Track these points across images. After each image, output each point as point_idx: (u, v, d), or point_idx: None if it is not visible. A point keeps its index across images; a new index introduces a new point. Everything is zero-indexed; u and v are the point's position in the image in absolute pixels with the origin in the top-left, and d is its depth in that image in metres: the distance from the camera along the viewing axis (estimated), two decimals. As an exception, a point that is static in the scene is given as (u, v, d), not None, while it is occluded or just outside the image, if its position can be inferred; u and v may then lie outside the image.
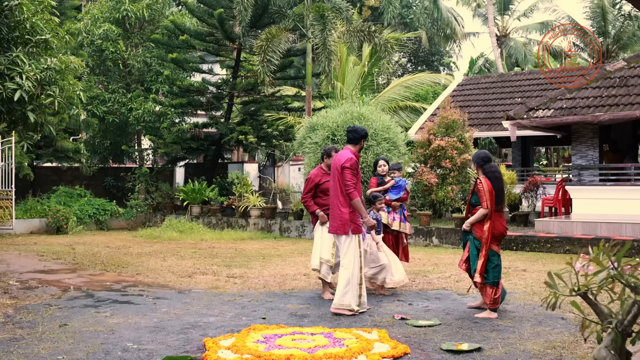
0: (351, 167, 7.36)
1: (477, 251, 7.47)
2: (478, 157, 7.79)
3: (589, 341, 5.48)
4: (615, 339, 3.39)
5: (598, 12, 34.32)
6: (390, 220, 9.23)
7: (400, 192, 9.31)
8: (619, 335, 3.38)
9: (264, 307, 7.80)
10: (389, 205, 9.20)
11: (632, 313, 3.39)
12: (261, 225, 18.42)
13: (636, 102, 14.48)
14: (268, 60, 18.49)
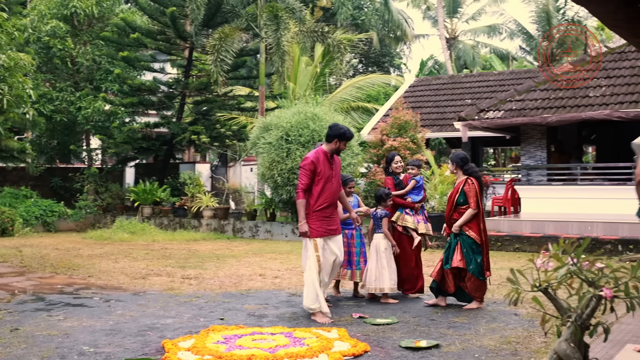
0: (304, 167, 7.12)
1: (472, 251, 7.60)
2: (458, 158, 7.86)
3: (547, 335, 5.60)
4: (575, 332, 3.47)
5: (543, 16, 35.11)
6: (415, 223, 8.55)
7: (421, 192, 8.69)
8: (577, 329, 3.47)
9: (222, 308, 7.74)
10: (413, 208, 8.57)
11: (590, 307, 3.48)
12: (214, 225, 18.29)
13: (582, 105, 14.86)
14: (221, 60, 18.38)
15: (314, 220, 7.12)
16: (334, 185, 7.23)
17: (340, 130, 7.22)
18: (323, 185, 7.12)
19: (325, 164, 7.16)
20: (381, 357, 5.56)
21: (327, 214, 7.17)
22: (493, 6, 39.66)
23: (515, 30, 38.15)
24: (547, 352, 5.61)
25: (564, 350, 3.45)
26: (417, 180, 8.58)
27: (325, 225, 7.14)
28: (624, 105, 14.26)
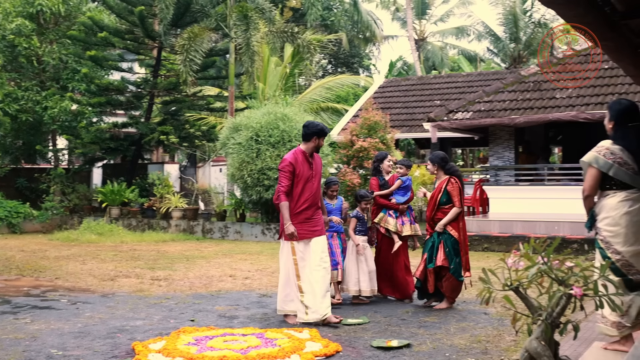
0: (282, 169, 6.96)
1: (454, 250, 7.64)
2: (439, 158, 7.87)
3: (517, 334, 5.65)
4: (545, 330, 3.52)
5: (510, 18, 35.48)
6: (400, 225, 8.25)
7: (408, 193, 8.35)
8: (548, 327, 3.51)
9: (192, 309, 7.70)
10: (397, 209, 8.30)
11: (561, 305, 3.53)
12: (183, 226, 18.17)
13: (549, 106, 15.07)
14: (190, 60, 18.29)
15: (295, 223, 6.90)
16: (314, 186, 7.03)
17: (318, 127, 7.07)
18: (303, 186, 6.95)
19: (305, 164, 6.98)
20: (353, 357, 5.58)
21: (308, 215, 6.96)
22: (461, 8, 40.04)
23: (483, 32, 38.52)
24: (516, 350, 5.68)
25: (534, 348, 3.49)
26: (403, 181, 8.31)
27: (307, 227, 6.94)
28: (589, 106, 14.48)
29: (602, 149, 5.08)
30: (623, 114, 5.17)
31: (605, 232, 4.98)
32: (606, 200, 5.04)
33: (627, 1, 4.38)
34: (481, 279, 3.81)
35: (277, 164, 15.91)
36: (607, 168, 4.99)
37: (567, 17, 4.17)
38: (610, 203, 5.00)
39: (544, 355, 3.45)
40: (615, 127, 5.17)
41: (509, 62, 36.49)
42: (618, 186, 5.02)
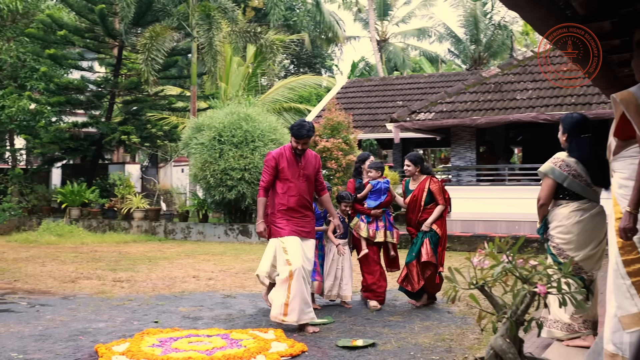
0: (265, 162, 6.74)
1: (436, 245, 7.68)
2: (419, 158, 7.90)
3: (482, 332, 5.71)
4: (510, 328, 3.57)
5: (471, 20, 35.91)
6: (372, 231, 7.83)
7: (381, 197, 7.86)
8: (513, 325, 3.57)
9: (155, 311, 7.63)
10: (369, 214, 7.87)
11: (525, 303, 3.59)
12: (145, 227, 17.99)
13: (509, 107, 15.28)
14: (152, 59, 18.13)
15: (280, 220, 6.59)
16: (303, 185, 6.66)
17: (293, 127, 6.67)
18: (288, 183, 6.62)
19: (291, 161, 6.63)
20: (318, 357, 5.59)
21: (295, 215, 6.62)
22: (423, 10, 40.35)
23: (444, 33, 38.90)
24: (480, 348, 5.75)
25: (500, 345, 3.54)
26: (372, 185, 7.86)
27: (295, 226, 6.58)
28: (549, 108, 14.73)
29: (558, 161, 5.36)
30: (576, 126, 5.42)
31: (558, 239, 5.28)
32: (559, 210, 5.34)
33: (588, 5, 4.46)
34: (447, 277, 3.86)
35: (240, 164, 15.99)
36: (562, 179, 5.29)
37: (530, 19, 4.23)
38: (563, 212, 5.30)
39: (509, 353, 3.50)
40: (569, 139, 5.43)
41: (470, 64, 36.92)
42: (571, 196, 5.32)
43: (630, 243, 3.63)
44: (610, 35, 5.11)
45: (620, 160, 3.82)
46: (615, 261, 3.74)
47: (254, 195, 16.20)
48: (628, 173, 3.73)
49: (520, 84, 16.03)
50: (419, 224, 7.74)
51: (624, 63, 6.06)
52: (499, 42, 36.53)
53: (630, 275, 3.65)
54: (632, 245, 3.63)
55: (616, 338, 3.73)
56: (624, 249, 3.68)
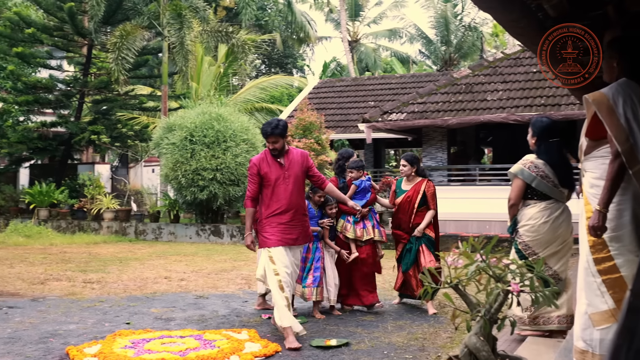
0: (248, 171, 6.39)
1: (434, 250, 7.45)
2: (416, 158, 7.67)
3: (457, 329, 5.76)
4: (484, 326, 3.61)
5: (441, 21, 36.14)
6: (360, 231, 7.53)
7: (365, 197, 7.58)
8: (487, 323, 3.61)
9: (127, 312, 7.56)
10: (354, 214, 7.50)
11: (498, 301, 3.63)
12: (115, 228, 17.82)
13: (480, 108, 15.43)
14: (122, 58, 17.99)
15: (267, 228, 6.20)
16: (289, 187, 6.24)
17: (263, 127, 6.36)
18: (273, 188, 6.23)
19: (274, 165, 6.25)
20: (292, 357, 5.59)
21: (283, 220, 6.21)
22: (394, 10, 40.51)
23: (415, 34, 39.09)
24: (452, 346, 5.79)
25: (474, 343, 3.58)
26: (357, 185, 7.57)
27: (282, 234, 6.18)
28: (519, 109, 14.89)
29: (528, 163, 5.59)
30: (545, 131, 5.68)
31: (526, 237, 5.50)
32: (528, 209, 5.56)
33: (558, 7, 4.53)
34: (422, 276, 3.88)
35: (212, 164, 15.92)
36: (531, 180, 5.52)
37: (503, 21, 4.28)
38: (532, 212, 5.53)
39: (483, 350, 3.54)
40: (538, 143, 5.67)
41: (440, 65, 37.17)
42: (539, 197, 5.56)
43: (601, 241, 3.69)
44: (580, 38, 5.19)
45: (591, 160, 3.88)
46: (586, 259, 3.80)
47: (226, 196, 16.17)
48: (599, 173, 3.79)
49: (490, 85, 16.19)
50: (412, 228, 7.48)
51: (593, 65, 6.15)
52: (469, 44, 36.85)
53: (600, 273, 3.72)
54: (602, 243, 3.70)
55: (586, 335, 3.79)
56: (594, 247, 3.74)
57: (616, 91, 3.57)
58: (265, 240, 6.21)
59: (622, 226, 3.69)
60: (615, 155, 3.55)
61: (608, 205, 3.59)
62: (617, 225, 3.68)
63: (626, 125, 3.49)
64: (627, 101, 3.52)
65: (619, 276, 3.67)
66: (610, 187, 3.57)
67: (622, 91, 3.56)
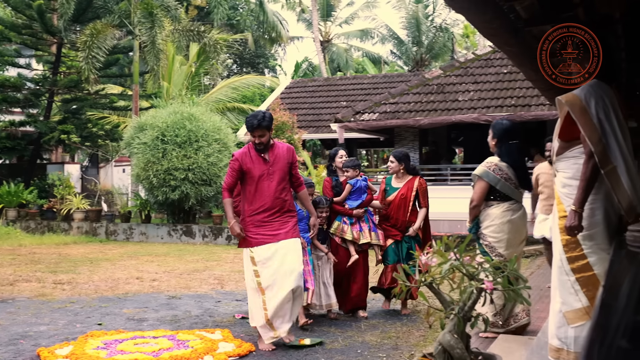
0: (230, 164, 6.09)
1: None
2: (405, 155, 7.37)
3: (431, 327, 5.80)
4: (458, 323, 3.64)
5: (413, 22, 36.32)
6: (357, 233, 7.17)
7: (361, 197, 7.23)
8: (460, 321, 3.64)
9: (99, 313, 7.49)
10: (351, 215, 7.20)
11: (472, 299, 3.66)
12: (86, 228, 17.63)
13: (452, 108, 15.54)
14: (93, 57, 17.81)
15: (250, 227, 5.91)
16: (273, 184, 5.91)
17: (247, 119, 6.02)
18: (256, 184, 5.90)
19: (257, 160, 5.90)
20: (266, 357, 5.59)
21: (267, 219, 5.90)
22: (365, 11, 40.60)
23: (387, 35, 39.22)
24: (425, 345, 5.83)
25: (448, 341, 3.61)
26: (352, 185, 7.19)
27: (265, 231, 5.88)
28: (490, 109, 15.03)
29: (492, 165, 5.73)
30: (506, 133, 5.80)
31: (491, 238, 5.66)
32: (491, 210, 5.72)
33: (530, 9, 4.59)
34: (396, 275, 3.90)
35: (184, 164, 15.84)
36: (496, 182, 5.66)
37: (476, 22, 4.33)
38: (495, 213, 5.68)
39: (457, 348, 3.57)
40: (498, 145, 5.80)
41: (412, 65, 37.35)
42: (501, 198, 5.71)
43: (574, 240, 3.75)
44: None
45: (564, 160, 3.94)
46: (560, 258, 3.86)
47: (198, 196, 16.08)
48: (572, 172, 3.85)
49: (462, 86, 16.32)
50: (406, 226, 7.23)
51: (563, 66, 6.24)
52: (440, 44, 37.10)
53: (574, 271, 3.78)
54: (576, 242, 3.76)
55: (561, 333, 3.85)
56: (568, 246, 3.80)
57: (588, 92, 3.63)
58: (249, 240, 5.91)
59: (594, 225, 3.76)
60: (589, 156, 3.61)
61: (583, 205, 3.65)
62: (590, 224, 3.74)
63: (599, 125, 3.55)
64: (599, 102, 3.59)
65: (592, 274, 3.74)
66: (585, 187, 3.64)
67: (594, 92, 3.62)
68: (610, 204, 3.76)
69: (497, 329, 5.64)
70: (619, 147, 3.54)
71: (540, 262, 11.38)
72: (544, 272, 9.98)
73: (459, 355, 3.57)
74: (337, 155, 7.35)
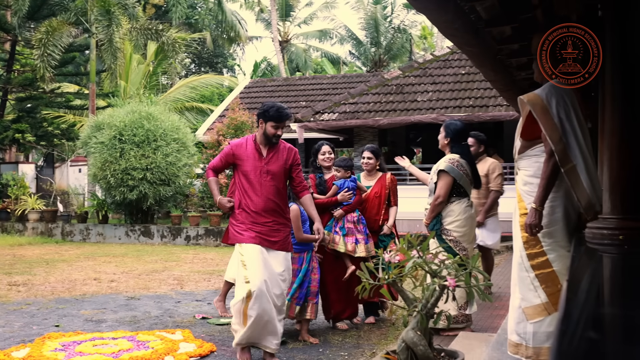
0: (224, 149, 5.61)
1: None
2: (380, 150, 7.10)
3: (385, 327, 5.84)
4: (421, 321, 3.67)
5: (371, 23, 36.55)
6: (352, 244, 6.49)
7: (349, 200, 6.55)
8: (423, 318, 3.67)
9: (56, 315, 7.35)
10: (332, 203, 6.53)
11: (435, 296, 3.70)
12: (41, 229, 17.31)
13: (410, 108, 15.67)
14: (48, 55, 17.51)
15: (241, 222, 5.30)
16: (268, 185, 5.28)
17: (263, 107, 5.46)
18: (249, 180, 5.29)
19: (253, 155, 5.31)
20: (227, 357, 5.55)
21: (260, 220, 5.25)
22: (324, 11, 40.71)
23: (346, 35, 39.38)
24: (387, 343, 5.87)
25: (411, 338, 3.64)
26: (338, 186, 6.54)
27: (259, 233, 5.23)
28: (448, 109, 15.20)
29: (454, 161, 5.82)
30: (459, 133, 5.94)
31: (456, 233, 5.74)
32: (453, 206, 5.80)
33: (490, 10, 4.65)
34: (359, 273, 3.92)
35: (142, 163, 15.66)
36: (459, 177, 5.77)
37: (437, 22, 4.37)
38: (458, 208, 5.79)
39: (420, 345, 3.60)
40: (451, 144, 5.92)
41: (370, 66, 37.56)
42: (460, 194, 5.83)
43: (534, 237, 3.82)
44: (510, 40, 5.36)
45: (525, 158, 4.01)
46: (520, 255, 3.92)
47: (156, 196, 15.92)
48: (533, 171, 3.92)
49: (420, 86, 16.47)
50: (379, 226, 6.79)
51: (521, 67, 6.36)
52: (399, 45, 37.40)
53: (534, 268, 3.85)
54: (536, 239, 3.83)
55: (520, 328, 3.92)
56: (528, 243, 3.86)
57: (549, 92, 3.70)
58: (237, 235, 5.28)
59: (554, 222, 3.83)
60: (550, 155, 3.68)
61: (544, 203, 3.72)
62: (550, 222, 3.81)
63: (559, 125, 3.62)
64: (559, 102, 3.66)
65: (551, 271, 3.81)
66: (545, 185, 3.70)
67: (555, 92, 3.69)
68: (569, 202, 3.84)
69: (459, 325, 5.71)
70: (579, 146, 3.62)
71: (498, 260, 11.54)
72: (502, 270, 10.14)
73: (422, 352, 3.59)
74: (320, 152, 6.68)
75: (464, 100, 15.52)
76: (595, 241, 3.17)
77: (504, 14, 4.74)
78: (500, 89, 7.24)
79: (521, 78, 6.94)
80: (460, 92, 15.88)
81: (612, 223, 3.17)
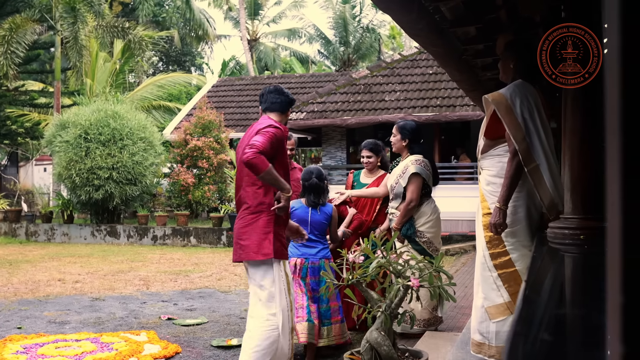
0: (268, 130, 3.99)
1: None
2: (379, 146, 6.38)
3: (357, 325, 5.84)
4: (385, 321, 3.67)
5: (340, 22, 36.58)
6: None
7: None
8: (387, 318, 3.67)
9: (18, 316, 7.23)
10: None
11: (399, 297, 3.70)
12: (4, 229, 17.03)
13: (378, 108, 15.73)
14: (12, 52, 17.23)
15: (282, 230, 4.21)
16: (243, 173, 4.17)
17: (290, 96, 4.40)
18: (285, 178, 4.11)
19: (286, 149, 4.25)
20: (193, 358, 5.51)
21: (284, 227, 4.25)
22: (293, 10, 40.63)
23: (314, 35, 39.36)
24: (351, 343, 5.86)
25: (375, 338, 3.64)
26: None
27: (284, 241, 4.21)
28: (416, 109, 15.28)
29: (421, 162, 5.69)
30: (416, 133, 5.82)
31: (429, 233, 5.64)
32: (424, 208, 5.68)
33: (454, 10, 4.67)
34: (323, 274, 3.91)
35: (108, 163, 15.48)
36: (428, 177, 5.66)
37: (402, 22, 4.37)
38: (428, 209, 5.69)
39: (384, 345, 3.60)
40: (410, 145, 5.78)
41: (339, 65, 37.60)
42: (428, 194, 5.72)
43: (497, 237, 3.85)
44: (475, 40, 5.39)
45: (488, 158, 4.03)
46: (483, 254, 3.95)
47: (123, 195, 15.76)
48: (496, 170, 3.95)
49: (388, 86, 16.53)
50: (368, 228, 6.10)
51: (486, 67, 6.40)
52: (367, 45, 37.49)
53: (496, 267, 3.87)
54: (499, 239, 3.85)
55: (483, 328, 3.94)
56: (491, 242, 3.89)
57: (514, 92, 3.73)
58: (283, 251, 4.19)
59: (517, 222, 3.86)
60: (513, 154, 3.70)
61: (508, 202, 3.74)
62: (513, 221, 3.84)
63: (523, 124, 3.65)
64: (524, 102, 3.69)
65: (514, 270, 3.84)
66: (509, 184, 3.72)
67: (519, 92, 3.72)
68: (532, 202, 3.87)
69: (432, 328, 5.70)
70: (542, 146, 3.65)
71: (465, 260, 11.63)
72: (469, 269, 10.21)
73: (385, 353, 3.60)
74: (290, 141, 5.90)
75: (431, 100, 15.61)
76: (557, 241, 3.20)
77: (468, 14, 4.76)
78: (466, 89, 7.27)
79: (486, 78, 6.98)
80: (428, 91, 15.98)
81: (574, 223, 3.19)
